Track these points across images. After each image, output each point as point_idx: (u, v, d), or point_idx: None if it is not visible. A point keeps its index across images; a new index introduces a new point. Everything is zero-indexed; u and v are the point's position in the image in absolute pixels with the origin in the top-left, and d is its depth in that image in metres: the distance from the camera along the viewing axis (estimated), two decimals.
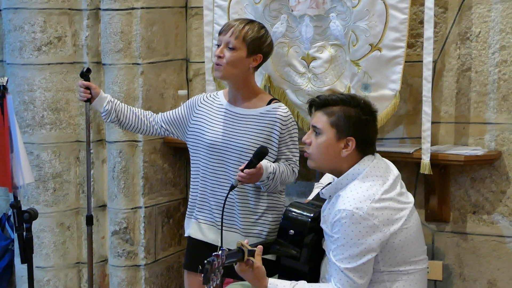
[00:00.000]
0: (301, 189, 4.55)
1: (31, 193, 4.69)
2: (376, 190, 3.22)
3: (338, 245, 3.16)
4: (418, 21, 4.15)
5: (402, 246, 3.22)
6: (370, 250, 3.15)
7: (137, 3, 4.61)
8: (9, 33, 4.68)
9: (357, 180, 3.25)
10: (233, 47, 3.73)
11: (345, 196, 3.21)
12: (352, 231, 3.13)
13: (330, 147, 3.30)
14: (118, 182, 4.70)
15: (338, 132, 3.28)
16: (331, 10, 4.18)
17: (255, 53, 3.76)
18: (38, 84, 4.64)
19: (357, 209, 3.14)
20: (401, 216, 3.22)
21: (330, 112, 3.30)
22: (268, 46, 3.81)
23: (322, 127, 3.30)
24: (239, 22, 3.80)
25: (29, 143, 4.58)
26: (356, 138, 3.27)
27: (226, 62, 3.73)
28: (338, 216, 3.16)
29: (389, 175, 3.30)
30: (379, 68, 4.05)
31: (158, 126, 4.04)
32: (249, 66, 3.77)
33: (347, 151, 3.28)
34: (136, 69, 4.65)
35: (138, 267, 4.76)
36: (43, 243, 4.73)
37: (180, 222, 4.93)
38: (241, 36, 3.73)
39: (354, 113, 3.29)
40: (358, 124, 3.29)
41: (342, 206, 3.17)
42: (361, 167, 3.28)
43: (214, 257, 2.97)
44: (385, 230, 3.16)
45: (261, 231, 3.81)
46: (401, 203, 3.26)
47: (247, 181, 3.62)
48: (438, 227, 4.28)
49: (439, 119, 4.21)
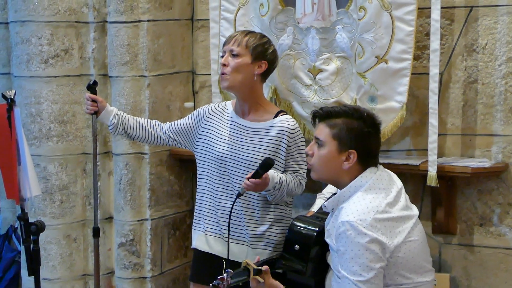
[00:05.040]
0: (307, 201, 4.54)
1: (38, 205, 4.70)
2: (380, 202, 3.21)
3: (347, 258, 3.14)
4: (425, 33, 4.16)
5: (407, 259, 3.21)
6: (379, 260, 3.14)
7: (143, 15, 4.62)
8: (16, 45, 4.70)
9: (360, 192, 3.24)
10: (237, 53, 3.76)
11: (348, 208, 3.21)
12: (358, 242, 3.12)
13: (331, 159, 3.29)
14: (125, 194, 4.70)
15: (340, 144, 3.28)
16: (337, 22, 4.18)
17: (259, 59, 3.78)
18: (45, 96, 4.66)
19: (361, 221, 3.14)
20: (404, 228, 3.21)
21: (332, 124, 3.30)
22: (272, 54, 3.83)
23: (324, 139, 3.30)
24: (240, 32, 3.87)
25: (36, 155, 4.58)
26: (358, 150, 3.27)
27: (231, 69, 3.76)
28: (342, 228, 3.16)
29: (392, 187, 3.30)
30: (386, 80, 4.05)
31: (166, 137, 4.04)
32: (254, 73, 3.78)
33: (348, 163, 3.28)
34: (142, 81, 4.66)
35: (144, 279, 4.76)
36: (49, 255, 4.73)
37: (186, 234, 4.93)
38: (244, 43, 3.76)
39: (356, 125, 3.28)
40: (360, 136, 3.28)
41: (346, 217, 3.17)
42: (364, 179, 3.27)
43: (219, 281, 2.97)
44: (389, 243, 3.15)
45: (268, 243, 3.81)
46: (404, 215, 3.25)
47: (253, 190, 3.63)
48: (445, 239, 4.28)
49: (445, 131, 4.21)
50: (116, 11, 4.62)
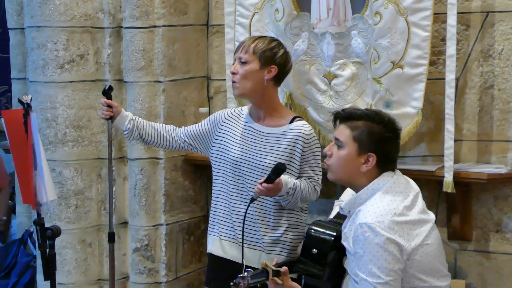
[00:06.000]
0: (322, 207, 4.53)
1: (53, 210, 4.71)
2: (397, 205, 3.21)
3: (365, 261, 3.14)
4: (440, 38, 4.15)
5: (423, 262, 3.20)
6: (397, 262, 3.13)
7: (159, 21, 4.63)
8: (32, 51, 4.71)
9: (378, 195, 3.24)
10: (244, 61, 3.77)
11: (365, 210, 3.21)
12: (376, 243, 3.12)
13: (350, 161, 3.30)
14: (140, 199, 4.71)
15: (360, 147, 3.28)
16: (353, 27, 4.18)
17: (268, 64, 3.78)
18: (61, 101, 4.67)
19: (378, 223, 3.14)
20: (421, 231, 3.22)
21: (353, 126, 3.31)
22: (281, 57, 3.81)
23: (344, 140, 3.31)
24: (249, 38, 3.88)
25: (51, 160, 4.59)
26: (377, 154, 3.28)
27: (240, 76, 3.77)
28: (360, 230, 3.15)
29: (409, 191, 3.30)
30: (401, 86, 4.04)
31: (181, 141, 4.05)
32: (264, 78, 3.78)
33: (367, 166, 3.28)
34: (157, 86, 4.67)
35: (159, 284, 4.76)
36: (65, 260, 4.74)
37: (200, 239, 4.92)
38: (251, 49, 3.77)
39: (377, 129, 3.29)
40: (380, 140, 3.29)
41: (363, 219, 3.17)
42: (381, 182, 3.27)
43: (240, 279, 2.98)
44: (406, 245, 3.14)
45: (283, 248, 3.81)
46: (421, 218, 3.25)
47: (265, 194, 3.63)
48: (461, 246, 4.26)
49: (461, 137, 4.19)
50: (132, 17, 4.63)
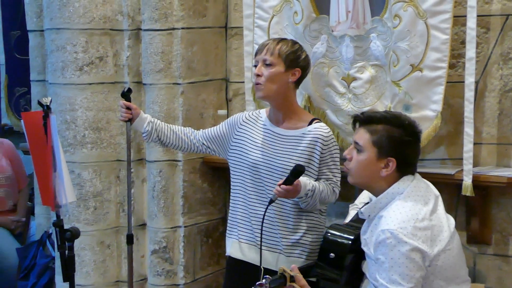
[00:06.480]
0: (340, 209, 4.52)
1: (72, 211, 4.73)
2: (419, 210, 3.19)
3: (386, 267, 3.12)
4: (460, 41, 4.13)
5: (445, 268, 3.19)
6: (419, 269, 3.12)
7: (177, 23, 4.64)
8: (51, 53, 4.74)
9: (399, 200, 3.23)
10: (270, 63, 3.76)
11: (388, 216, 3.19)
12: (398, 250, 3.10)
13: (370, 165, 3.29)
14: (158, 201, 4.72)
15: (380, 151, 3.27)
16: (372, 30, 4.17)
17: (292, 67, 3.77)
18: (80, 103, 4.69)
19: (401, 229, 3.12)
20: (444, 237, 3.20)
21: (373, 130, 3.29)
22: (304, 60, 3.81)
23: (363, 145, 3.29)
24: (272, 40, 3.86)
25: (70, 162, 4.61)
26: (397, 159, 3.26)
27: (265, 79, 3.75)
28: (383, 236, 3.14)
29: (430, 195, 3.28)
30: (420, 89, 4.03)
31: (199, 144, 4.05)
32: (288, 81, 3.77)
33: (387, 171, 3.27)
34: (176, 89, 4.68)
35: (177, 286, 4.77)
36: (83, 261, 4.75)
37: (218, 242, 4.93)
38: (276, 52, 3.76)
39: (397, 133, 3.27)
40: (400, 145, 3.27)
41: (386, 226, 3.15)
42: (401, 186, 3.26)
43: (258, 286, 2.98)
44: (429, 251, 3.13)
45: (302, 251, 3.81)
46: (443, 223, 3.23)
47: (284, 196, 3.63)
48: (480, 250, 4.24)
49: (480, 140, 4.17)
50: (150, 19, 4.64)
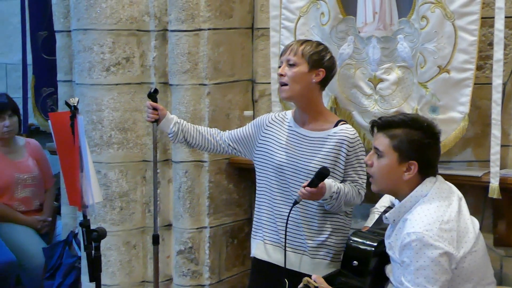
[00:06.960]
0: (366, 211, 4.49)
1: (98, 211, 4.75)
2: (444, 211, 3.18)
3: (411, 270, 3.12)
4: (488, 43, 4.10)
5: (471, 270, 3.18)
6: (444, 272, 3.10)
7: (204, 24, 4.64)
8: (78, 53, 4.76)
9: (423, 203, 3.22)
10: (293, 63, 3.76)
11: (413, 219, 3.18)
12: (424, 253, 3.09)
13: (392, 170, 3.28)
14: (184, 202, 4.73)
15: (401, 156, 3.26)
16: (399, 31, 4.15)
17: (316, 67, 3.77)
18: (106, 104, 4.71)
19: (427, 231, 3.11)
20: (470, 238, 3.19)
21: (392, 134, 3.28)
22: (329, 61, 3.81)
23: (384, 150, 3.28)
24: (296, 41, 3.88)
25: (96, 162, 4.61)
26: (418, 161, 3.25)
27: (289, 79, 3.76)
28: (408, 239, 3.13)
29: (453, 196, 3.27)
30: (448, 91, 4.01)
31: (225, 145, 4.06)
32: (312, 81, 3.77)
33: (409, 174, 3.26)
34: (202, 89, 4.68)
35: (202, 287, 4.77)
36: (109, 261, 4.77)
37: (244, 243, 4.93)
38: (300, 52, 3.76)
39: (416, 136, 3.26)
40: (421, 147, 3.26)
41: (411, 229, 3.14)
42: (424, 189, 3.25)
43: None
44: (455, 253, 3.11)
45: (327, 252, 3.80)
46: (468, 225, 3.22)
47: (308, 198, 3.63)
48: (507, 252, 4.21)
49: (508, 143, 4.14)
50: (177, 20, 4.64)
